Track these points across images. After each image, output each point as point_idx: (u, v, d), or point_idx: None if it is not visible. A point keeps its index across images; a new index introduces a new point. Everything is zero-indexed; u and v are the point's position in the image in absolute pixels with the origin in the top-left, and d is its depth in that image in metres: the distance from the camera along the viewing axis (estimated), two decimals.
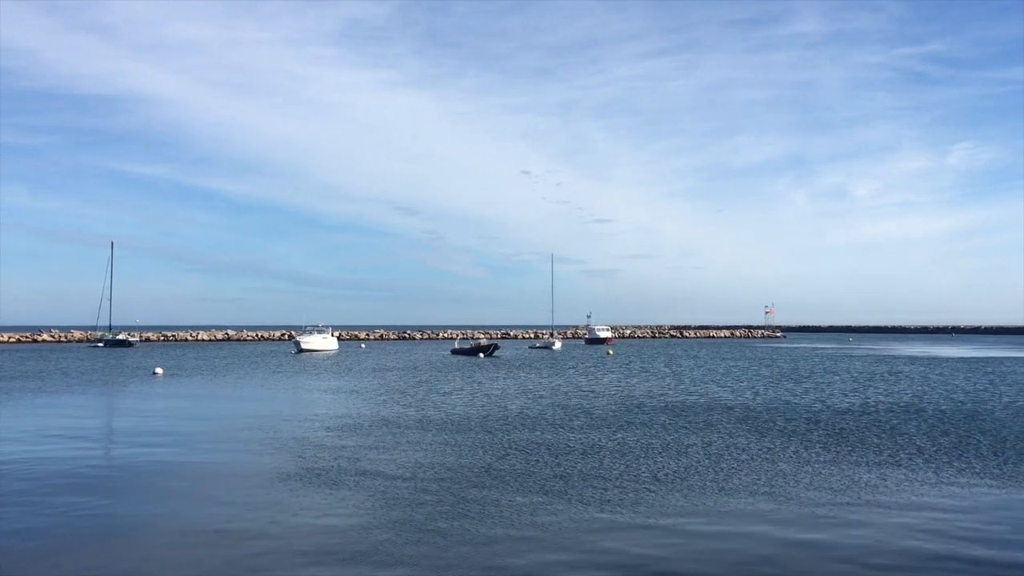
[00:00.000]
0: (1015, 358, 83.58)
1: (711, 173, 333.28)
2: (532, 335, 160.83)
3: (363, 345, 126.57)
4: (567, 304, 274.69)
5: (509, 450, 24.20)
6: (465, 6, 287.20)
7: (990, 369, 63.93)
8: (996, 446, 24.84)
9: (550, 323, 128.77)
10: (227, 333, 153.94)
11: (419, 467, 21.50)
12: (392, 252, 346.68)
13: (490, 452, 23.83)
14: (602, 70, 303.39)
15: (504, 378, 54.49)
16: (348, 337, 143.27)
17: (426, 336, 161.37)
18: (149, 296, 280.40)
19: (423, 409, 35.12)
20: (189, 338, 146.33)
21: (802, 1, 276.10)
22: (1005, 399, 38.92)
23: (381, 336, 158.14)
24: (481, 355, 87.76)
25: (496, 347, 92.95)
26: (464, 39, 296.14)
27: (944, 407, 35.25)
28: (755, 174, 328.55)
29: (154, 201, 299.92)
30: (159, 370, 61.40)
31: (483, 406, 36.40)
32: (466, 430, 28.53)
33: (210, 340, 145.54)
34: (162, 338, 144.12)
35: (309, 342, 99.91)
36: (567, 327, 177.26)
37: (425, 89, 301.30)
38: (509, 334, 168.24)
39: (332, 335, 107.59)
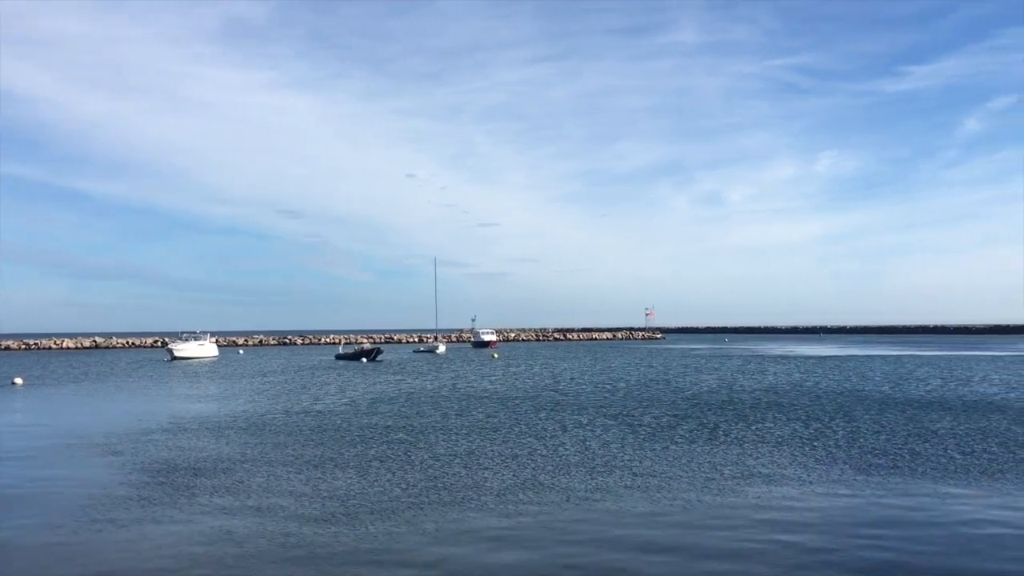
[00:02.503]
0: (876, 356, 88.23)
1: (594, 178, 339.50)
2: (417, 339, 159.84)
3: (241, 351, 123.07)
4: (453, 308, 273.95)
5: (371, 456, 23.97)
6: (350, 8, 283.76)
7: (850, 366, 67.29)
8: (850, 437, 26.14)
9: (435, 327, 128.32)
10: (95, 341, 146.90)
11: (281, 477, 21.05)
12: (275, 256, 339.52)
13: (355, 456, 23.56)
14: (488, 75, 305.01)
15: (382, 383, 53.98)
16: (226, 343, 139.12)
17: (308, 341, 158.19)
18: (11, 302, 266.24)
19: (292, 416, 34.42)
20: (53, 346, 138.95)
21: (681, 11, 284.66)
22: (861, 394, 41.04)
23: (261, 342, 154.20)
24: (364, 360, 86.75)
25: (379, 352, 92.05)
26: (350, 41, 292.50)
27: (804, 401, 36.95)
28: (637, 179, 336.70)
29: (20, 202, 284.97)
30: (19, 380, 58.09)
31: (356, 411, 35.96)
32: (333, 436, 28.11)
33: (77, 348, 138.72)
34: (23, 346, 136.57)
35: (183, 349, 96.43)
36: (452, 331, 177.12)
37: (309, 91, 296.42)
38: (393, 338, 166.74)
39: (211, 341, 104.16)
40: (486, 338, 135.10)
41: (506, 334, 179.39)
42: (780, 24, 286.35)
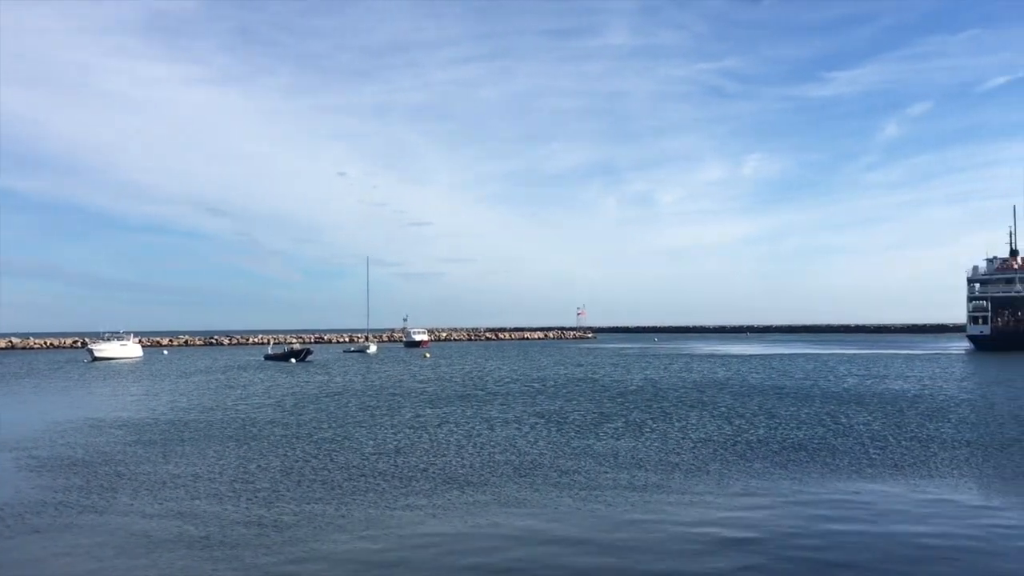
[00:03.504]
0: (798, 354, 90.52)
1: (525, 178, 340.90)
2: (347, 339, 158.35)
3: (165, 352, 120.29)
4: (385, 307, 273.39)
5: (296, 456, 23.78)
6: (277, 3, 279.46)
7: (773, 365, 68.93)
8: (769, 437, 26.85)
9: (366, 327, 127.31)
10: (11, 341, 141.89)
11: (202, 479, 20.75)
12: (202, 255, 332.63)
13: (279, 457, 23.34)
14: (418, 74, 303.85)
15: (310, 383, 53.42)
16: (150, 344, 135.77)
17: (236, 342, 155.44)
18: None
19: (216, 417, 33.88)
20: None
21: (611, 15, 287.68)
22: (783, 391, 42.14)
23: (186, 342, 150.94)
24: (294, 360, 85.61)
25: (309, 352, 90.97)
26: (277, 36, 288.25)
27: (727, 399, 37.80)
28: (568, 180, 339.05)
29: None
30: None
31: (282, 411, 35.56)
32: (257, 437, 27.78)
33: None
34: None
35: (104, 349, 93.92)
36: (384, 331, 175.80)
37: (235, 86, 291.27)
38: (324, 338, 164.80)
39: (134, 342, 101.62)
40: (418, 338, 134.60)
41: (438, 334, 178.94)
42: (707, 29, 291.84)
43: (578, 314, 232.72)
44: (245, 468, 21.42)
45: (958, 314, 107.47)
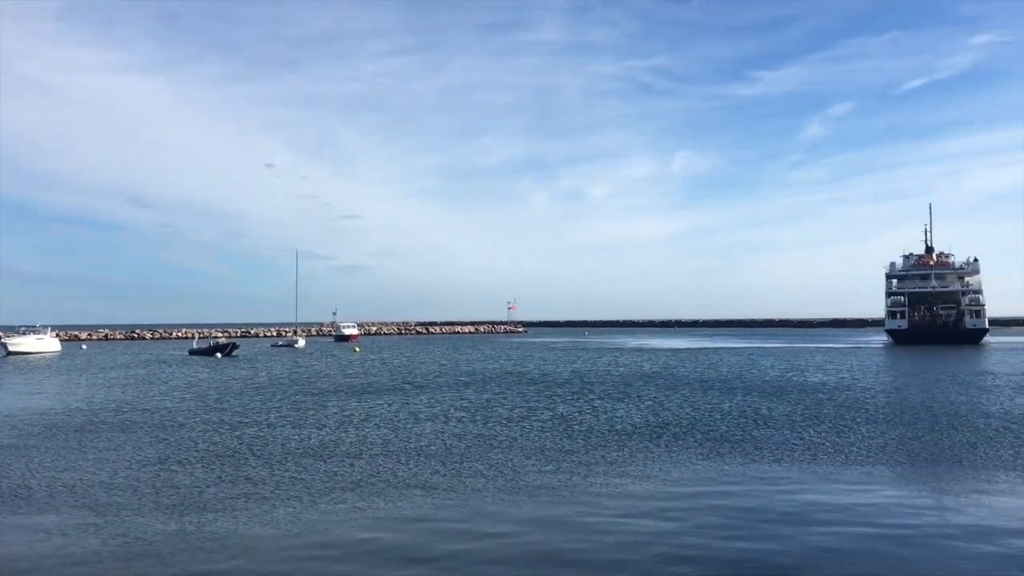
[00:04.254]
0: (724, 348, 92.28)
1: (457, 172, 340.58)
2: (275, 333, 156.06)
3: (84, 346, 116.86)
4: (314, 301, 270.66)
5: (218, 452, 23.34)
6: None
7: (699, 359, 70.15)
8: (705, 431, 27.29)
9: (294, 321, 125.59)
10: None
11: (120, 475, 20.21)
12: (124, 247, 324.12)
13: (201, 452, 22.87)
14: (349, 65, 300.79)
15: (236, 378, 52.47)
16: (68, 338, 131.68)
17: (159, 336, 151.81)
18: None
19: (136, 412, 33.04)
20: None
21: (544, 10, 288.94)
22: (708, 384, 42.92)
23: (107, 336, 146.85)
24: (219, 355, 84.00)
25: (235, 346, 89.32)
26: (203, 24, 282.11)
27: (652, 392, 38.34)
28: (499, 175, 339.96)
29: None
30: None
31: (206, 407, 34.86)
32: (178, 432, 27.19)
33: None
34: None
35: (19, 344, 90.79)
36: (313, 325, 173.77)
37: (160, 73, 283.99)
38: (251, 333, 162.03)
39: (51, 335, 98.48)
40: (347, 332, 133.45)
41: (368, 328, 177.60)
42: (638, 27, 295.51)
43: (509, 308, 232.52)
44: (164, 464, 20.92)
45: (878, 309, 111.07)
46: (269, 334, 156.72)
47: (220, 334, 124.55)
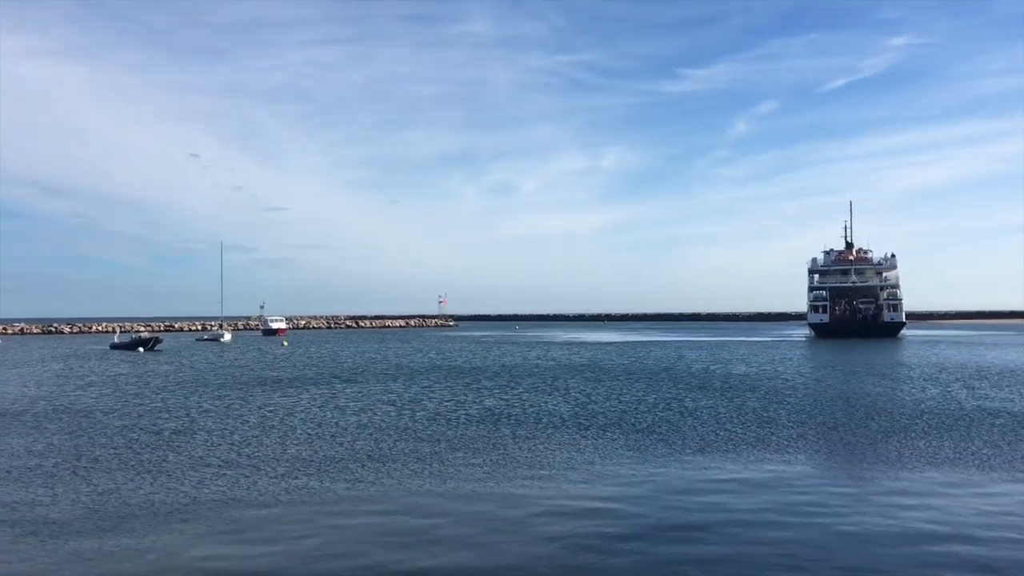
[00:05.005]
0: (653, 342, 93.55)
1: (385, 164, 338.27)
2: (200, 327, 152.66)
3: None
4: (240, 295, 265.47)
5: (137, 449, 22.74)
6: None
7: (627, 352, 70.97)
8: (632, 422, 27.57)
9: (219, 314, 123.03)
10: None
11: (32, 476, 19.53)
12: (38, 238, 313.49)
13: (119, 450, 22.26)
14: (273, 54, 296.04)
15: (158, 373, 51.20)
16: None
17: (78, 330, 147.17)
18: None
19: (50, 409, 31.98)
20: None
21: (473, 3, 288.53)
22: (634, 377, 43.44)
23: (22, 330, 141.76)
24: (142, 349, 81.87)
25: (158, 340, 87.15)
26: (123, 10, 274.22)
27: (578, 384, 38.64)
28: (428, 167, 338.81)
29: None
30: None
31: (126, 403, 33.91)
32: (95, 430, 26.41)
33: None
34: None
35: None
36: (240, 318, 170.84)
37: (78, 60, 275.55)
38: (174, 326, 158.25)
39: None
40: (275, 326, 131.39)
41: (296, 322, 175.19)
42: (568, 22, 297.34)
43: (439, 302, 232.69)
44: (80, 461, 20.26)
45: (801, 303, 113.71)
46: (194, 328, 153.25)
47: (142, 328, 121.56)
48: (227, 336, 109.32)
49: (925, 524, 13.86)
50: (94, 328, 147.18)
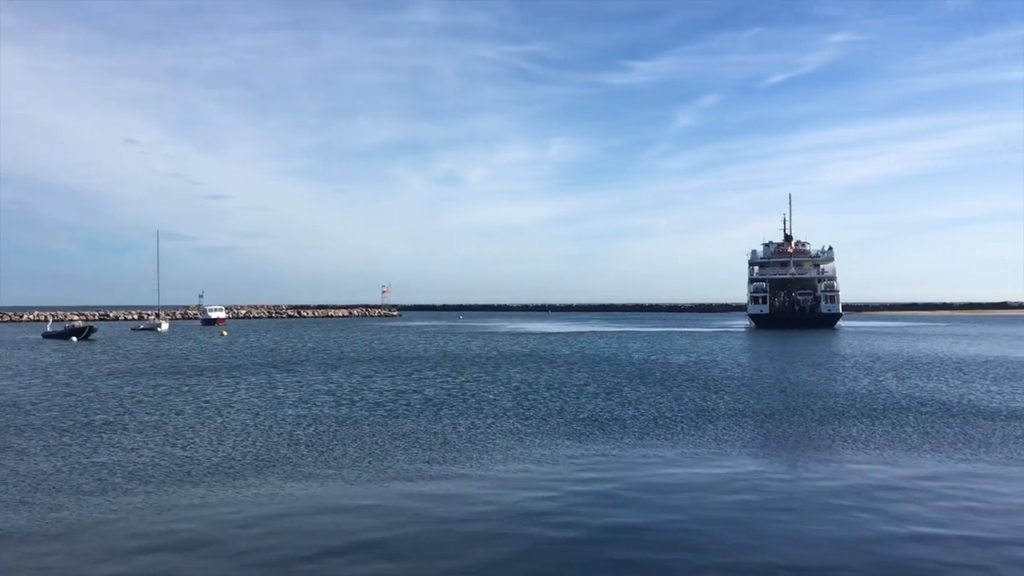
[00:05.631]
0: (596, 332, 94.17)
1: (330, 153, 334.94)
2: (136, 316, 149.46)
3: None
4: (179, 284, 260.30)
5: (64, 439, 22.16)
6: None
7: (570, 342, 71.37)
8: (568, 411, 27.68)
9: (156, 304, 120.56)
10: None
11: None
12: None
13: (46, 440, 21.65)
14: (216, 39, 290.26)
15: (91, 362, 49.97)
16: None
17: (8, 319, 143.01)
18: None
19: None
20: None
21: None
22: (576, 367, 43.67)
23: None
24: (75, 339, 79.95)
25: (93, 329, 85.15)
26: None
27: (518, 374, 38.74)
28: (374, 156, 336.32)
29: None
30: None
31: (56, 392, 33.01)
32: (21, 419, 25.66)
33: None
34: None
35: None
36: (178, 308, 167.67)
37: (11, 42, 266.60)
38: (110, 316, 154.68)
39: None
40: (214, 315, 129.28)
41: (237, 311, 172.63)
42: (514, 12, 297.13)
43: (383, 292, 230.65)
44: (5, 452, 19.64)
45: (742, 294, 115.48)
46: (130, 317, 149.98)
47: (76, 317, 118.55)
48: (164, 326, 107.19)
49: (854, 504, 14.15)
50: (25, 317, 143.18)
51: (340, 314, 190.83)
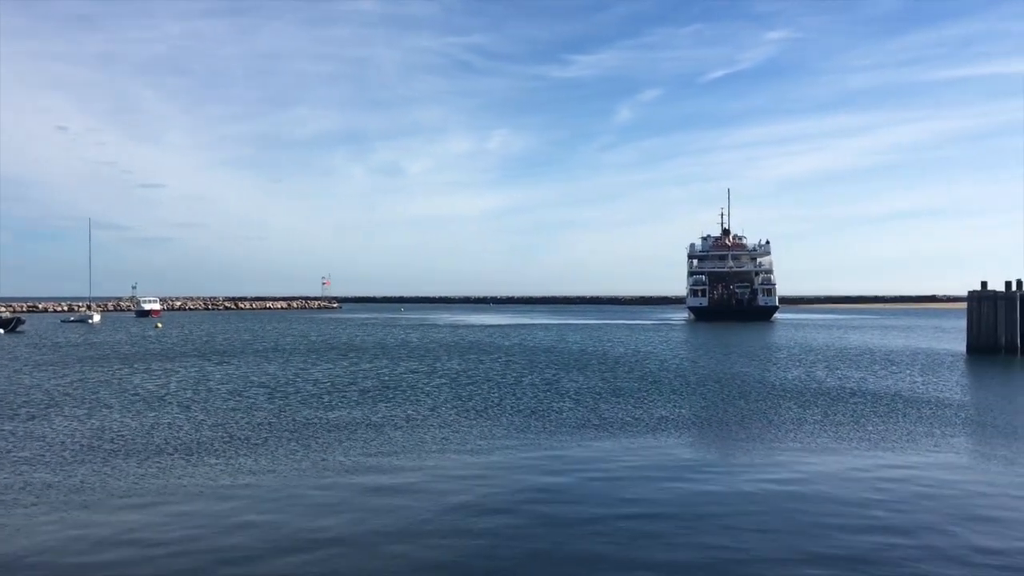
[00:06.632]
0: (537, 324, 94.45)
1: (268, 142, 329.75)
2: (67, 308, 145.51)
3: None
4: (112, 274, 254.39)
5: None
6: None
7: (509, 334, 71.44)
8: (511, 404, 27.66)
9: (88, 295, 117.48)
10: None
11: None
12: None
13: None
14: (150, 25, 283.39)
15: (17, 356, 48.46)
16: None
17: None
18: None
19: None
20: None
21: None
22: (515, 359, 43.72)
23: None
24: (2, 331, 77.50)
25: (20, 321, 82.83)
26: None
27: (456, 366, 38.64)
28: (313, 146, 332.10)
29: None
30: None
31: None
32: None
33: None
34: None
35: None
36: (111, 299, 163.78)
37: None
38: (38, 307, 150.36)
39: None
40: (148, 307, 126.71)
41: (172, 303, 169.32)
42: (457, 3, 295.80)
43: (323, 283, 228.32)
44: None
45: (681, 287, 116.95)
46: (60, 309, 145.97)
47: (3, 308, 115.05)
48: (96, 318, 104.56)
49: (784, 489, 14.38)
50: None
51: (279, 306, 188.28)
